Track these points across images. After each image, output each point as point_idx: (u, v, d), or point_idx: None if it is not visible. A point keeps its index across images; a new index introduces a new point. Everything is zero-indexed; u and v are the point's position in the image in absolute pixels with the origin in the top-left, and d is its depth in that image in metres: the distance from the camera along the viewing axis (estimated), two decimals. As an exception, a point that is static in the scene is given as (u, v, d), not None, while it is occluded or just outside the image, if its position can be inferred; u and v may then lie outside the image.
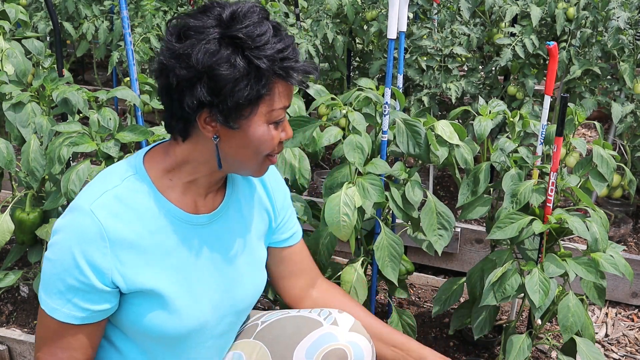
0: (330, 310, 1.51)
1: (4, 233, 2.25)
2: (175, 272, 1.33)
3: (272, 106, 1.26)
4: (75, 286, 1.25)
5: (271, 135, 1.28)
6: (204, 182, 1.36)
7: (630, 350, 2.42)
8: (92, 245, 1.24)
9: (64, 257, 1.25)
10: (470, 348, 2.33)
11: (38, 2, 4.18)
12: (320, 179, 3.49)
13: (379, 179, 1.84)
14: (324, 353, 1.42)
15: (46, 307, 1.28)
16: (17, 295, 2.54)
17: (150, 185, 1.31)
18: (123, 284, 1.28)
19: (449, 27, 2.99)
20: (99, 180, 1.32)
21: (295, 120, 1.82)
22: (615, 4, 2.80)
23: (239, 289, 1.45)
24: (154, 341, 1.36)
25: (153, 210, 1.31)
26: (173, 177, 1.34)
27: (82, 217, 1.25)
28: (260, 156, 1.31)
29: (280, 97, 1.26)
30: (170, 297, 1.32)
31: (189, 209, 1.36)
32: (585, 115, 2.15)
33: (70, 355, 1.31)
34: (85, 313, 1.28)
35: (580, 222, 1.77)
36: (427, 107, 2.94)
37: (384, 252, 1.89)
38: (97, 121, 2.02)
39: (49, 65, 2.60)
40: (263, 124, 1.27)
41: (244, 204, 1.47)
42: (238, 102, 1.21)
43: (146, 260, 1.30)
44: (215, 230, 1.40)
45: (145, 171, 1.32)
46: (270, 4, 3.67)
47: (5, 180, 2.61)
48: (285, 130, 1.33)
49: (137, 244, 1.28)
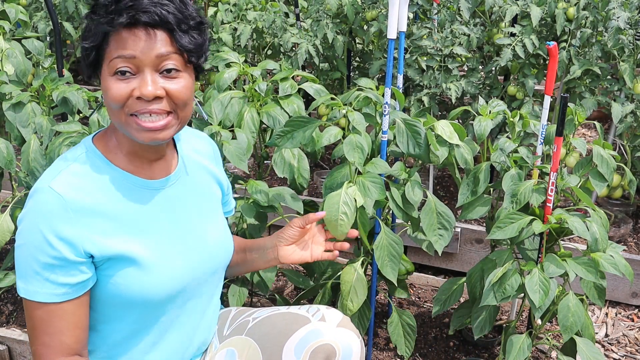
0: (319, 306, 1.54)
1: (4, 233, 2.25)
2: (143, 236, 1.36)
3: (111, 56, 1.26)
4: (49, 263, 1.26)
5: (110, 86, 1.27)
6: (137, 147, 1.37)
7: (630, 350, 2.42)
8: (57, 219, 1.26)
9: (34, 237, 1.26)
10: (470, 348, 2.33)
11: (38, 2, 4.18)
12: (320, 179, 3.49)
13: (379, 178, 1.84)
14: (312, 350, 1.43)
15: (26, 294, 1.29)
16: (17, 295, 2.54)
17: (102, 159, 1.35)
18: (96, 250, 1.29)
19: (449, 27, 2.99)
20: (54, 164, 1.35)
21: (294, 120, 1.82)
22: (615, 4, 2.80)
23: (209, 248, 1.49)
24: (136, 311, 1.37)
25: (110, 180, 1.34)
26: (118, 148, 1.37)
27: (43, 195, 1.27)
28: (117, 112, 1.29)
29: (117, 46, 1.25)
30: (144, 259, 1.34)
31: (144, 175, 1.39)
32: (585, 115, 2.15)
33: (59, 340, 1.30)
34: (65, 288, 1.28)
35: (580, 222, 1.77)
36: (427, 107, 2.94)
37: (383, 251, 1.89)
38: (97, 121, 2.02)
39: (49, 65, 2.60)
40: (107, 76, 1.28)
41: (196, 170, 1.52)
42: (84, 56, 1.29)
43: (113, 226, 1.32)
44: (175, 194, 1.44)
45: (96, 147, 1.37)
46: (270, 4, 3.68)
47: (5, 180, 2.61)
48: (140, 87, 1.25)
49: (101, 211, 1.31)
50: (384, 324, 2.40)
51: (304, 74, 2.28)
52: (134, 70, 1.26)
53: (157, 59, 1.26)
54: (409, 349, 2.12)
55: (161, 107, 1.28)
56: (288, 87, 2.16)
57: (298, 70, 2.91)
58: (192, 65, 1.33)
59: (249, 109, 2.08)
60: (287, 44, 3.33)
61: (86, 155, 1.35)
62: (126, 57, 1.25)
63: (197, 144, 1.58)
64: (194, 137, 1.60)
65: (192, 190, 1.49)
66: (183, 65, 1.30)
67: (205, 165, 1.57)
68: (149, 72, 1.26)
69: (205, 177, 1.55)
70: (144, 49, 1.24)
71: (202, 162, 1.56)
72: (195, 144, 1.57)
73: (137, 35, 1.24)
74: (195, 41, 1.30)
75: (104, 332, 1.41)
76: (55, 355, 1.31)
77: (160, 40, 1.25)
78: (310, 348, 1.43)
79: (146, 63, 1.25)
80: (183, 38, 1.27)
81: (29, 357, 2.14)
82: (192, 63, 1.31)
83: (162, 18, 1.24)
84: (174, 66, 1.28)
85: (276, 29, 3.52)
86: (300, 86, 2.20)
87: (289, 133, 1.82)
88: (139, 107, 1.27)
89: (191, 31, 1.30)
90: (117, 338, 1.41)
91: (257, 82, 2.14)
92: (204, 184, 1.54)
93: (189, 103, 1.34)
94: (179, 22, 1.27)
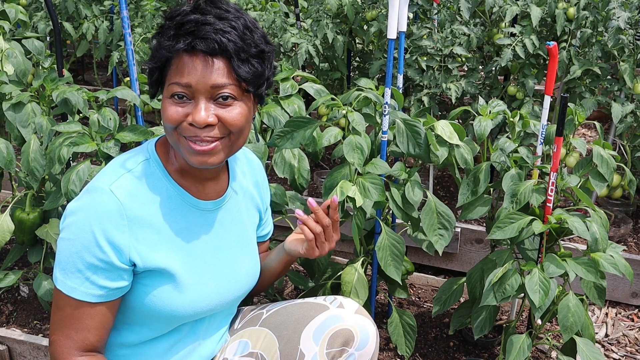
0: (336, 296, 1.56)
1: (4, 233, 2.25)
2: (184, 254, 1.38)
3: (170, 80, 1.29)
4: (94, 264, 1.28)
5: (167, 108, 1.29)
6: (189, 166, 1.39)
7: (630, 350, 2.42)
8: (112, 224, 1.27)
9: (84, 236, 1.27)
10: (470, 348, 2.33)
11: (38, 2, 4.18)
12: (320, 179, 3.49)
13: (379, 178, 1.84)
14: (331, 334, 1.45)
15: (63, 287, 1.30)
16: (17, 295, 2.54)
17: (162, 170, 1.37)
18: (140, 261, 1.31)
19: (449, 27, 2.99)
20: (115, 164, 1.36)
21: (294, 120, 1.83)
22: (615, 4, 2.80)
23: (240, 277, 1.51)
24: (161, 322, 1.39)
25: (166, 193, 1.36)
26: (176, 159, 1.39)
27: (102, 196, 1.28)
28: (171, 132, 1.31)
29: (176, 71, 1.27)
30: (180, 277, 1.36)
31: (195, 193, 1.41)
32: (585, 115, 2.15)
33: (84, 336, 1.32)
34: (103, 291, 1.30)
35: (580, 222, 1.77)
36: (427, 107, 2.94)
37: (385, 251, 1.89)
38: (97, 121, 2.02)
39: (49, 65, 2.60)
40: (165, 97, 1.30)
41: (242, 196, 1.53)
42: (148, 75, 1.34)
43: (159, 239, 1.34)
44: (219, 218, 1.45)
45: (158, 156, 1.38)
46: (270, 4, 3.68)
47: (5, 180, 2.61)
48: (192, 113, 1.27)
49: (152, 223, 1.33)
50: (384, 324, 2.40)
51: (304, 74, 2.28)
52: (190, 95, 1.27)
53: (212, 89, 1.26)
54: (409, 349, 2.12)
55: (212, 135, 1.28)
56: (289, 87, 2.16)
57: (298, 70, 2.91)
58: (251, 93, 1.32)
59: (249, 109, 2.08)
60: (287, 44, 3.33)
61: (149, 162, 1.36)
62: (182, 85, 1.26)
63: (246, 167, 1.58)
64: (245, 158, 1.60)
65: (234, 217, 1.50)
66: (240, 93, 1.29)
67: (249, 190, 1.57)
68: (203, 99, 1.27)
69: (248, 203, 1.56)
70: (200, 78, 1.25)
71: (248, 187, 1.56)
72: (244, 167, 1.57)
73: (195, 63, 1.25)
74: (253, 70, 1.28)
75: (124, 332, 1.43)
76: (76, 349, 1.32)
77: (217, 70, 1.25)
78: (329, 333, 1.45)
79: (202, 92, 1.26)
80: (241, 68, 1.26)
81: (29, 357, 2.14)
82: (250, 92, 1.31)
83: (221, 46, 1.24)
84: (229, 94, 1.28)
85: (276, 29, 3.52)
86: (300, 86, 2.20)
87: (289, 133, 1.82)
88: (191, 132, 1.28)
89: (252, 59, 1.28)
90: (135, 340, 1.43)
91: (257, 82, 2.13)
92: (244, 212, 1.55)
93: (244, 130, 1.33)
94: (238, 50, 1.25)
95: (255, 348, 1.51)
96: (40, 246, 2.34)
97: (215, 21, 1.25)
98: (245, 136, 1.35)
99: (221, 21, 1.25)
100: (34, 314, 2.45)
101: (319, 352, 1.43)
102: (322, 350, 1.43)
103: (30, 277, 2.50)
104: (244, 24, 1.28)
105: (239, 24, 1.27)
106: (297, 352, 1.45)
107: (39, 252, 2.33)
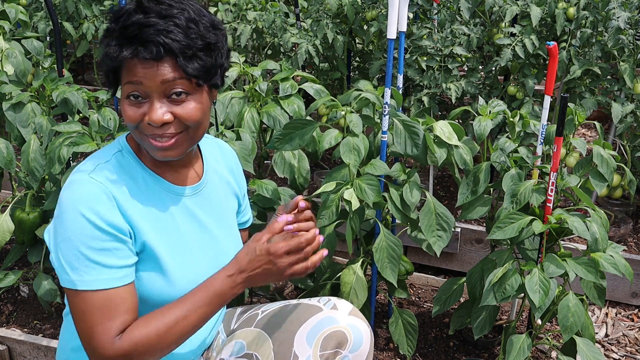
0: (330, 297, 1.56)
1: (4, 233, 2.25)
2: (167, 238, 1.38)
3: (123, 80, 1.30)
4: (104, 247, 1.27)
5: (125, 109, 1.30)
6: None
7: (630, 350, 2.42)
8: (102, 206, 1.28)
9: (82, 226, 1.26)
10: (470, 348, 2.33)
11: (38, 2, 4.18)
12: (320, 179, 3.49)
13: (376, 180, 1.84)
14: (325, 336, 1.45)
15: (84, 285, 1.26)
16: (17, 295, 2.54)
17: (136, 159, 1.39)
18: (134, 235, 1.32)
19: (449, 27, 2.99)
20: (90, 158, 1.37)
21: (293, 123, 1.83)
22: (615, 4, 2.80)
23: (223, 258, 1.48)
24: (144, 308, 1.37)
25: (142, 181, 1.37)
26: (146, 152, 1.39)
27: (85, 185, 1.29)
28: (134, 130, 1.32)
29: (127, 73, 1.27)
30: (165, 261, 1.36)
31: (170, 179, 1.42)
32: (585, 115, 2.15)
33: (123, 320, 1.28)
34: (124, 270, 1.29)
35: (580, 222, 1.77)
36: (427, 107, 2.94)
37: (383, 253, 1.89)
38: (97, 121, 2.02)
39: (49, 65, 2.60)
40: (123, 97, 1.31)
41: (218, 181, 1.54)
42: (105, 75, 1.32)
43: (145, 220, 1.34)
44: (198, 202, 1.46)
45: (130, 147, 1.40)
46: (270, 4, 3.68)
47: (5, 180, 2.61)
48: (148, 113, 1.28)
49: (135, 205, 1.34)
50: (384, 324, 2.40)
51: (304, 74, 2.29)
52: (144, 95, 1.28)
53: (164, 85, 1.26)
54: (411, 348, 2.12)
55: (170, 132, 1.30)
56: (288, 87, 2.16)
57: (298, 70, 2.91)
58: (204, 86, 1.32)
59: (249, 109, 2.09)
60: (287, 44, 3.33)
61: (122, 154, 1.38)
62: (134, 83, 1.27)
63: (219, 155, 1.59)
64: (217, 146, 1.61)
65: (213, 202, 1.50)
66: (192, 88, 1.29)
67: (225, 176, 1.58)
68: (156, 98, 1.27)
69: (225, 189, 1.57)
70: (149, 76, 1.25)
71: (223, 173, 1.57)
72: (217, 155, 1.58)
73: (144, 64, 1.25)
74: (202, 64, 1.28)
75: None
76: (116, 335, 1.27)
77: (166, 67, 1.25)
78: (322, 334, 1.45)
79: (153, 89, 1.27)
80: (188, 65, 1.26)
81: (29, 357, 2.14)
82: (201, 85, 1.31)
83: (165, 47, 1.24)
84: (182, 90, 1.28)
85: (276, 29, 3.52)
86: (300, 86, 2.20)
87: (288, 136, 1.82)
88: (150, 131, 1.29)
89: (199, 53, 1.28)
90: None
91: (258, 82, 2.14)
92: (223, 197, 1.55)
93: (202, 122, 1.34)
94: (183, 48, 1.25)
95: (250, 349, 1.52)
96: (40, 246, 2.34)
97: (158, 21, 1.24)
98: (204, 127, 1.36)
99: (164, 20, 1.25)
100: (34, 314, 2.45)
101: (313, 355, 1.44)
102: (316, 353, 1.44)
103: (30, 277, 2.50)
104: (187, 18, 1.27)
105: (182, 19, 1.26)
106: (291, 354, 1.45)
107: (39, 252, 2.33)
